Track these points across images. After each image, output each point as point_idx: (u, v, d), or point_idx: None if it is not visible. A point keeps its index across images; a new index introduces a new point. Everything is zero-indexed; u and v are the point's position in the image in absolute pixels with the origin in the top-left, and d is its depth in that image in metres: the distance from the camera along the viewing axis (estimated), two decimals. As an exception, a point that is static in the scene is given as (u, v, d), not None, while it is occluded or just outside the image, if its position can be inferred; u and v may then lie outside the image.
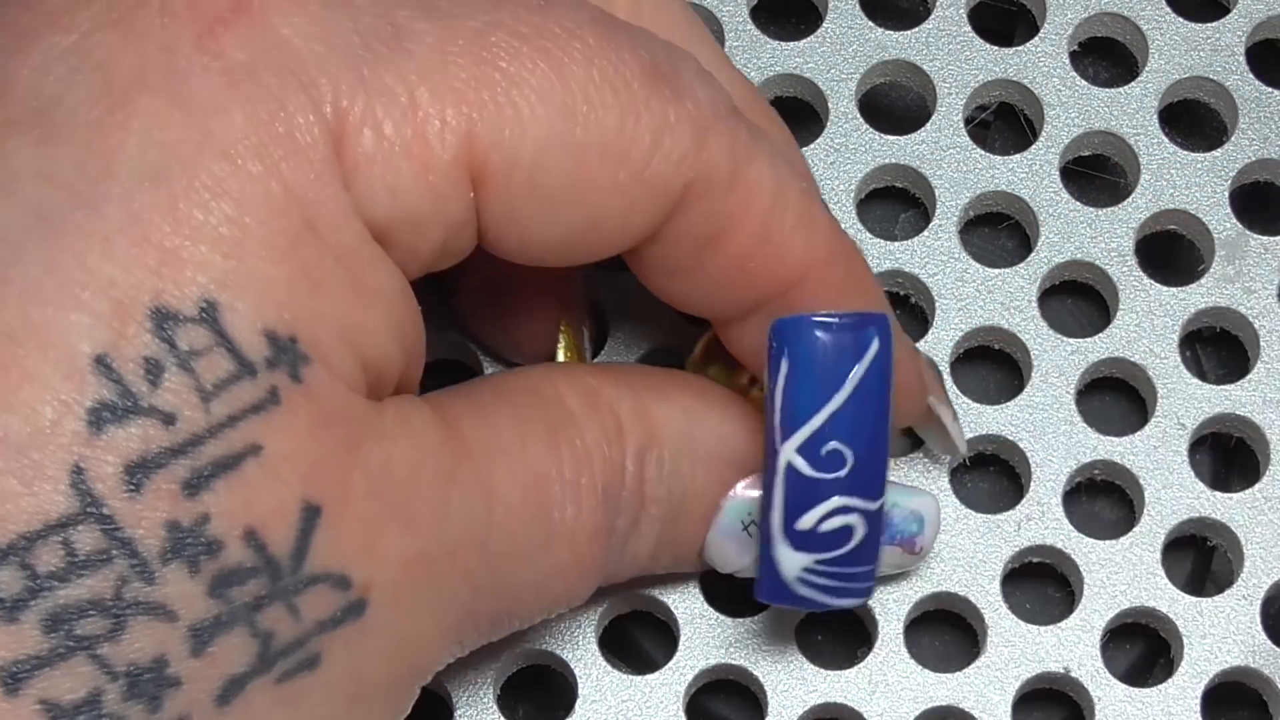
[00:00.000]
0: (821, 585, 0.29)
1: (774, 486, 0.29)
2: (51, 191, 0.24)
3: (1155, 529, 0.34)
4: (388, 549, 0.26)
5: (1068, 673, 0.33)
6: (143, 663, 0.24)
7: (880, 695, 0.33)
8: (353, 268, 0.26)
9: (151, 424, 0.24)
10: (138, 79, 0.25)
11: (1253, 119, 0.36)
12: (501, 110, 0.26)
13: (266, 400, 0.25)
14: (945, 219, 0.35)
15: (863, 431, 0.29)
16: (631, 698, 0.33)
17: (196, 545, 0.25)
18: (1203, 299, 0.35)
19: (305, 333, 0.25)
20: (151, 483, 0.24)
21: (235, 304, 0.25)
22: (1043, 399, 0.35)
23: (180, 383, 0.25)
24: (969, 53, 0.36)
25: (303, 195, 0.25)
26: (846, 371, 0.28)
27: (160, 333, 0.24)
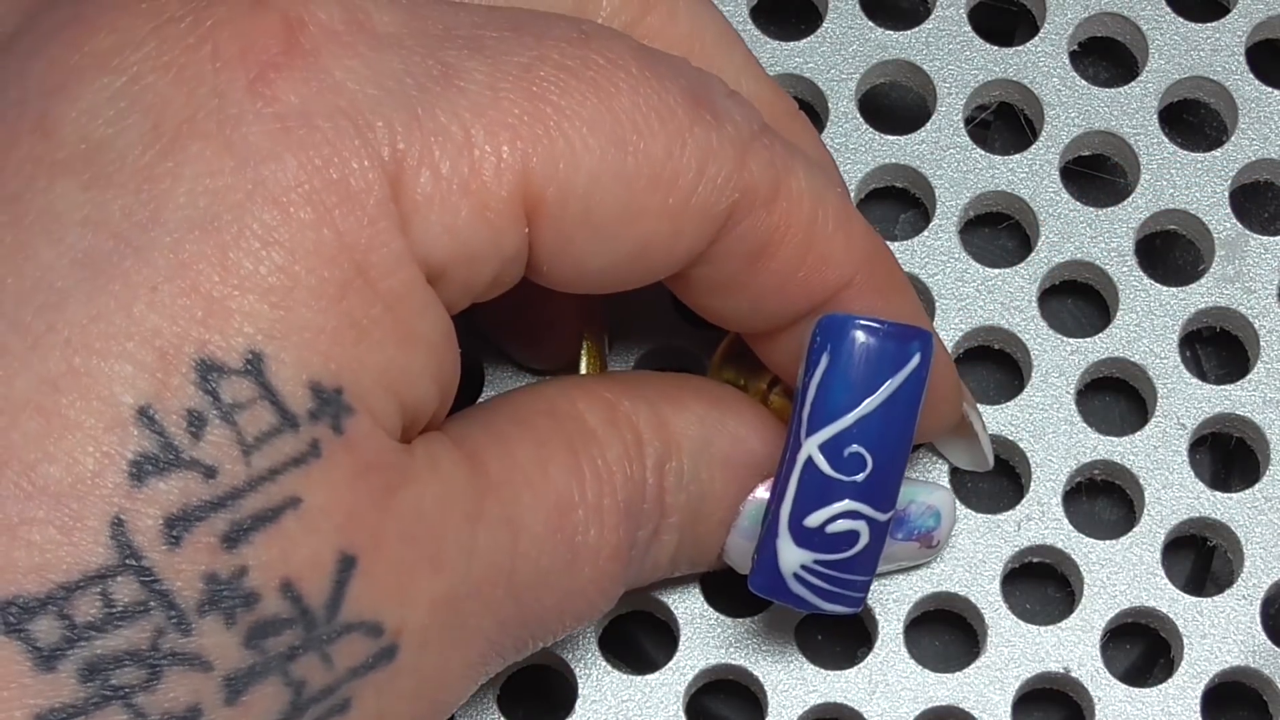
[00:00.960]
0: (816, 586, 0.30)
1: (790, 478, 0.29)
2: (99, 237, 0.24)
3: (1155, 529, 0.34)
4: (418, 592, 0.26)
5: (1068, 673, 0.33)
6: (177, 712, 0.24)
7: (880, 695, 0.33)
8: (401, 314, 0.26)
9: (192, 477, 0.24)
10: (188, 124, 0.25)
11: (1252, 119, 0.36)
12: (554, 143, 0.26)
13: (307, 453, 0.25)
14: (945, 219, 0.35)
15: (887, 441, 0.29)
16: (631, 698, 0.33)
17: (234, 597, 0.25)
18: (1203, 299, 0.35)
19: (350, 383, 0.25)
20: (191, 535, 0.24)
21: (281, 355, 0.25)
22: (1043, 399, 0.35)
23: (222, 436, 0.24)
24: (969, 53, 0.36)
25: (355, 242, 0.25)
26: (884, 379, 0.29)
27: (204, 385, 0.24)
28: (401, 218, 0.25)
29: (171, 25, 0.25)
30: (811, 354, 0.29)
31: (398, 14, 0.26)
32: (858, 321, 0.28)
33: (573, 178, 0.26)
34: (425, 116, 0.25)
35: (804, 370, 0.29)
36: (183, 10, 0.26)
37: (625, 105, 0.27)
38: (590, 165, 0.26)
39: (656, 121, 0.27)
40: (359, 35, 0.26)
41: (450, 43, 0.26)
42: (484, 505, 0.27)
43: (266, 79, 0.25)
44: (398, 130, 0.25)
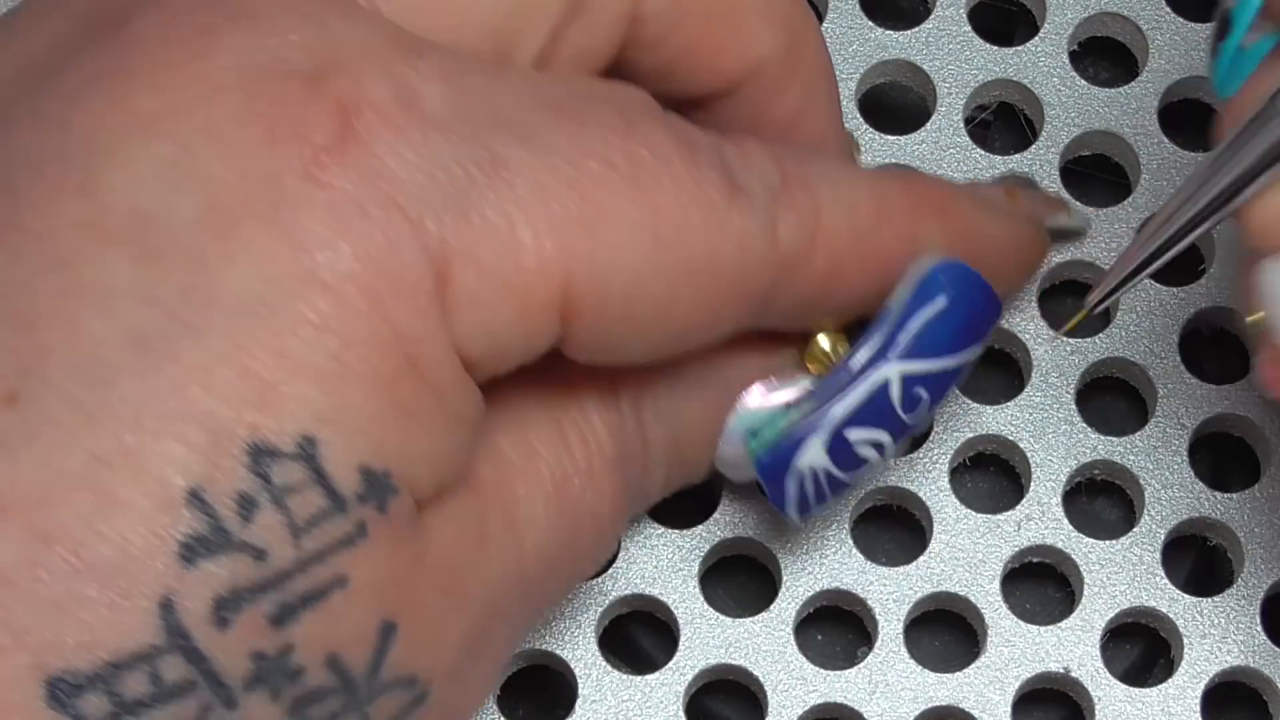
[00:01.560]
0: (803, 490, 0.30)
1: (855, 388, 0.29)
2: (152, 315, 0.24)
3: (1155, 529, 0.34)
4: (448, 636, 0.27)
5: (1068, 673, 0.33)
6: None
7: (880, 695, 0.33)
8: (446, 400, 0.26)
9: (242, 559, 0.24)
10: (243, 206, 0.25)
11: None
12: (597, 245, 0.26)
13: (355, 534, 0.25)
14: (945, 219, 0.35)
15: (942, 395, 0.30)
16: (631, 698, 0.33)
17: (280, 673, 0.25)
18: (1203, 299, 0.35)
19: (397, 465, 0.25)
20: (239, 616, 0.24)
21: (334, 440, 0.25)
22: (1043, 399, 0.35)
23: (273, 519, 0.25)
24: (969, 53, 0.36)
25: (407, 333, 0.25)
26: (975, 342, 0.30)
27: (256, 468, 0.24)
28: (445, 311, 0.25)
29: (222, 96, 0.25)
30: (927, 286, 0.29)
31: (445, 92, 0.26)
32: (984, 282, 0.30)
33: (613, 279, 0.26)
34: (473, 211, 0.26)
35: (910, 296, 0.29)
36: (233, 80, 0.25)
37: (668, 203, 0.27)
38: (632, 266, 0.27)
39: (697, 217, 0.27)
40: (409, 117, 0.26)
41: (497, 129, 0.26)
42: (487, 523, 0.27)
43: (321, 164, 0.25)
44: (446, 224, 0.25)
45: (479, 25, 0.28)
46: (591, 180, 0.26)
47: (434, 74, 0.26)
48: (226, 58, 0.25)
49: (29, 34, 0.27)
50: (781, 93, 0.31)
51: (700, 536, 0.34)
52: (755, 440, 0.30)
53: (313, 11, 0.26)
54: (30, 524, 0.24)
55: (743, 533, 0.34)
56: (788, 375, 0.31)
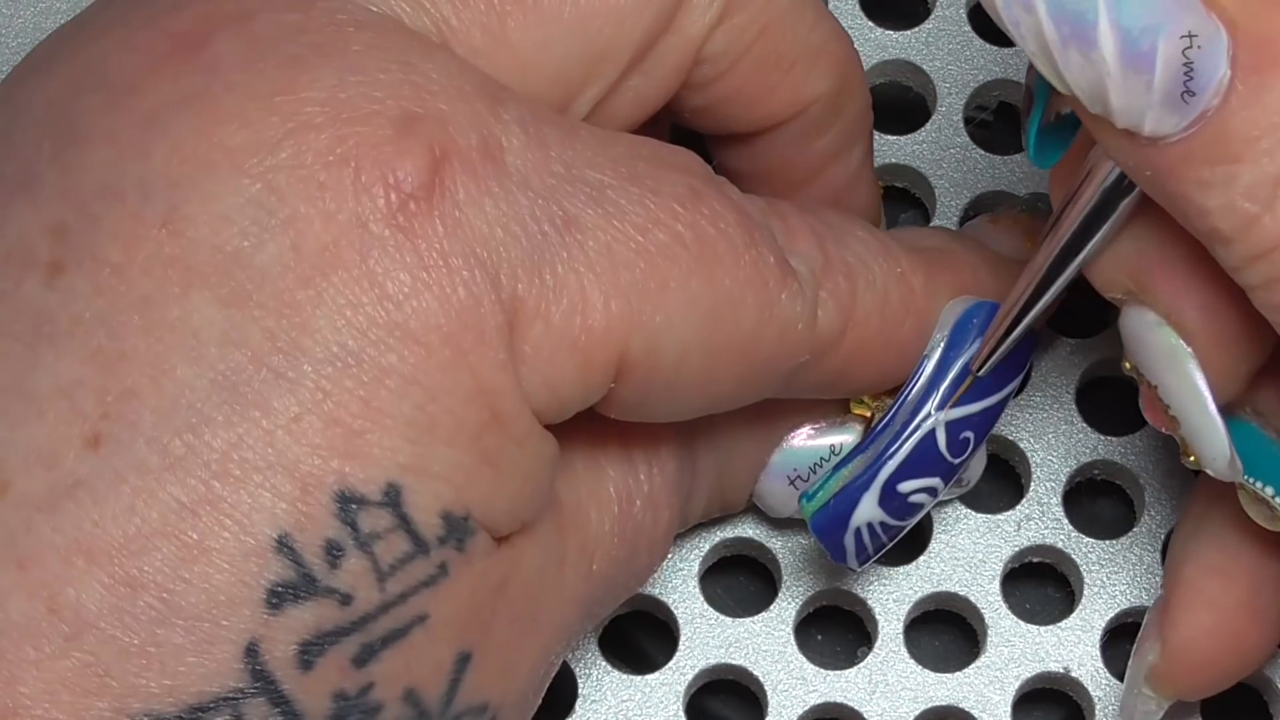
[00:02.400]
0: (861, 542, 0.30)
1: (904, 441, 0.30)
2: (239, 360, 0.24)
3: (1155, 529, 0.34)
4: (521, 664, 0.27)
5: (1068, 672, 0.33)
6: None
7: (880, 695, 0.33)
8: (528, 449, 0.26)
9: (328, 604, 0.25)
10: (330, 252, 0.25)
11: (1253, 119, 0.36)
12: (656, 313, 0.27)
13: (437, 575, 0.25)
14: (945, 218, 0.35)
15: (987, 432, 0.30)
16: (631, 697, 0.33)
17: (359, 711, 0.25)
18: (1203, 299, 0.35)
19: (480, 512, 0.26)
20: (324, 659, 0.25)
21: (418, 488, 0.25)
22: (1043, 399, 0.35)
23: (359, 565, 0.25)
24: (969, 52, 0.36)
25: (488, 385, 0.25)
26: (1015, 376, 0.30)
27: (343, 515, 0.24)
28: (515, 363, 0.26)
29: (309, 133, 0.25)
30: (962, 332, 0.30)
31: (525, 145, 0.26)
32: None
33: (667, 348, 0.27)
34: (546, 269, 0.26)
35: (946, 343, 0.30)
36: (322, 117, 0.25)
37: (726, 281, 0.27)
38: (684, 338, 0.27)
39: (751, 296, 0.27)
40: (492, 170, 0.26)
41: (571, 188, 0.26)
42: (565, 546, 0.28)
43: (409, 212, 0.25)
44: (520, 279, 0.26)
45: (549, 72, 0.28)
46: (659, 250, 0.27)
47: (515, 125, 0.26)
48: (315, 92, 0.25)
49: (103, 39, 0.26)
50: (822, 133, 0.31)
51: (700, 537, 0.34)
52: (810, 502, 0.31)
53: (401, 49, 0.26)
54: (117, 571, 0.24)
55: (743, 533, 0.34)
56: (834, 418, 0.32)
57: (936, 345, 0.30)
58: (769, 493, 0.32)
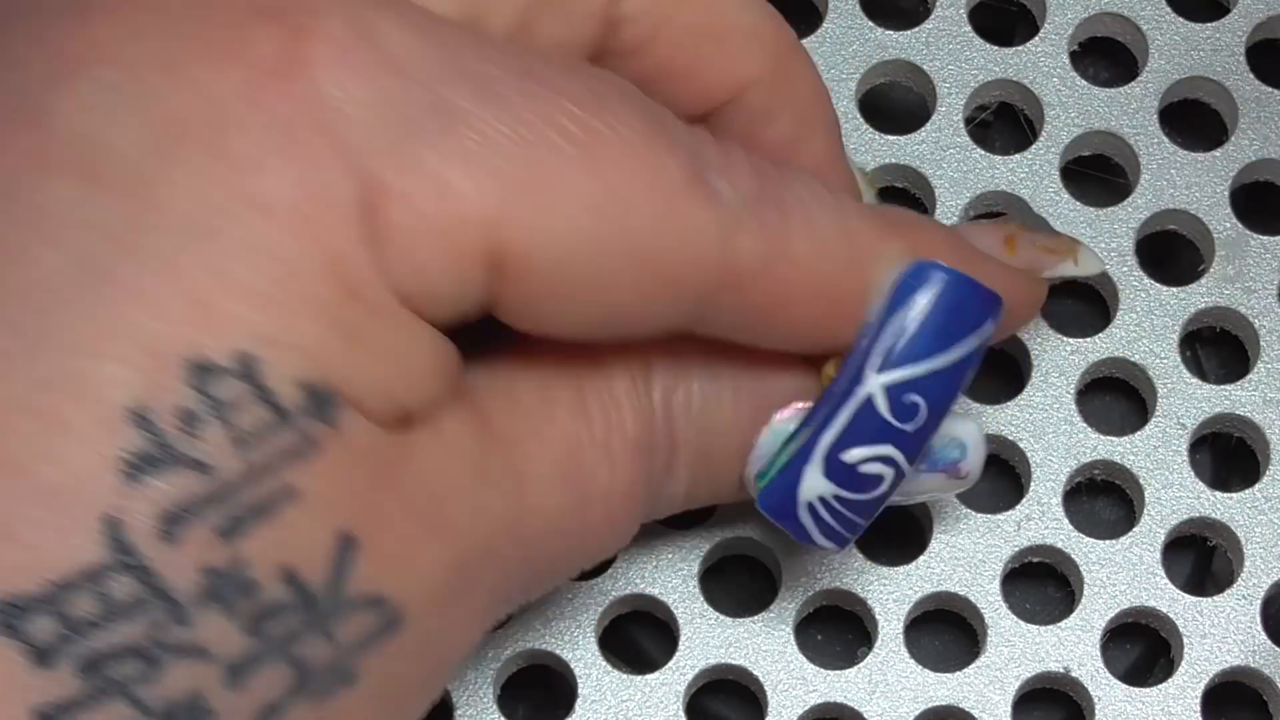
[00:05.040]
0: (822, 519, 0.29)
1: (842, 409, 0.29)
2: (95, 239, 0.24)
3: (1155, 529, 0.34)
4: (423, 562, 0.26)
5: (1068, 672, 0.33)
6: (179, 700, 0.24)
7: (880, 695, 0.33)
8: (389, 325, 0.26)
9: (187, 474, 0.24)
10: (184, 129, 0.25)
11: (1253, 119, 0.36)
12: (535, 206, 0.26)
13: (302, 446, 0.25)
14: (945, 219, 0.35)
15: (945, 397, 0.29)
16: (631, 698, 0.33)
17: (232, 588, 0.25)
18: (1203, 299, 0.35)
19: (340, 383, 0.25)
20: (187, 531, 0.24)
21: (272, 358, 0.25)
22: (1043, 399, 0.35)
23: (216, 433, 0.24)
24: (969, 53, 0.36)
25: (341, 259, 0.25)
26: (964, 336, 0.28)
27: (196, 384, 0.24)
28: (378, 244, 0.25)
29: (174, 23, 0.25)
30: (899, 292, 0.28)
31: (409, 37, 0.26)
32: (961, 274, 0.28)
33: (545, 243, 0.26)
34: (414, 153, 0.25)
35: (885, 307, 0.28)
36: (186, 8, 0.25)
37: (618, 179, 0.26)
38: (567, 234, 0.26)
39: (646, 198, 0.26)
40: (365, 55, 0.25)
41: (457, 80, 0.26)
42: (489, 461, 0.27)
43: (264, 87, 0.25)
44: (384, 161, 0.25)
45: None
46: (543, 143, 0.26)
47: (402, 22, 0.26)
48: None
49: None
50: (771, 119, 0.30)
51: (700, 536, 0.34)
52: (761, 480, 0.30)
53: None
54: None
55: (743, 532, 0.34)
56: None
57: (875, 310, 0.29)
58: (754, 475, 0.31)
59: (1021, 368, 0.35)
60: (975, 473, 0.31)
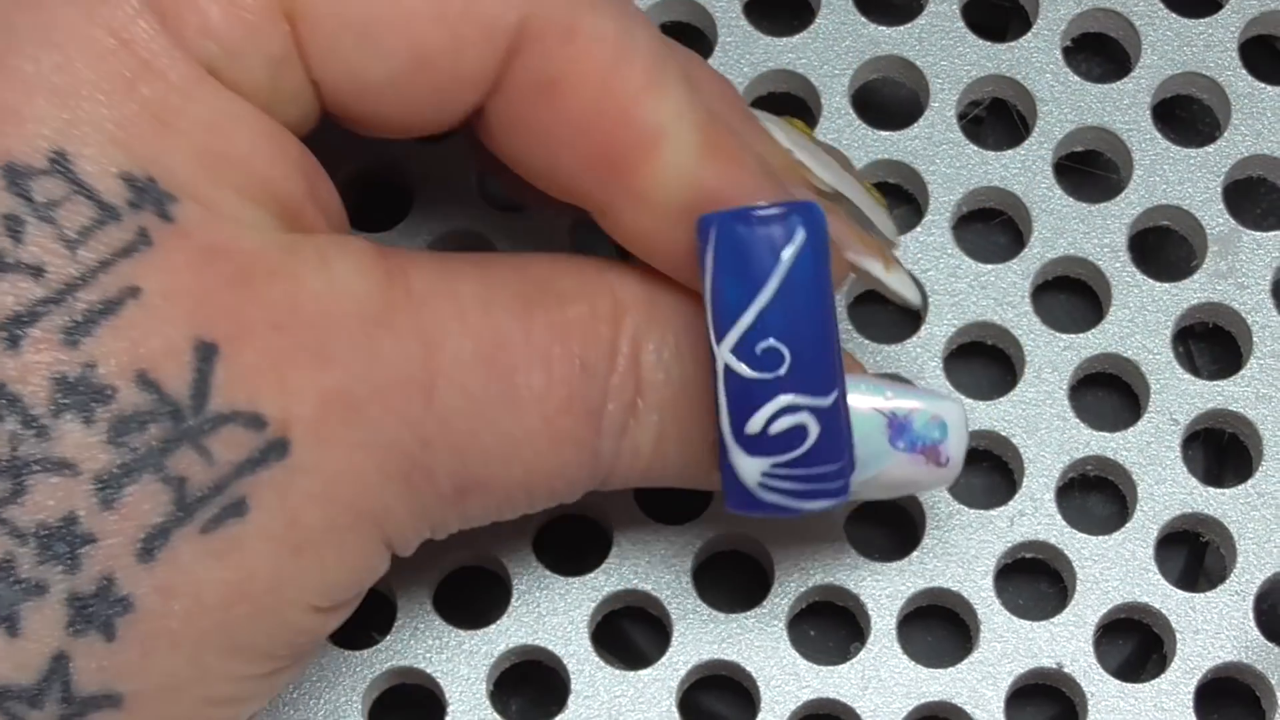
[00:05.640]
0: (786, 489, 0.28)
1: (718, 391, 0.28)
2: None
3: (1148, 524, 0.34)
4: (302, 385, 0.25)
5: (1060, 668, 0.33)
6: (51, 522, 0.24)
7: (873, 691, 0.33)
8: (199, 99, 0.25)
9: (20, 279, 0.24)
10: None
11: (1245, 115, 0.36)
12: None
13: (137, 241, 0.25)
14: (938, 215, 0.35)
15: (798, 327, 0.27)
16: (624, 693, 0.33)
17: (87, 393, 0.24)
18: (1195, 294, 0.35)
19: (163, 171, 0.25)
20: (29, 336, 0.24)
21: (84, 150, 0.25)
22: (1035, 394, 0.35)
23: (43, 234, 0.24)
24: (962, 48, 0.36)
25: (129, 36, 0.25)
26: (771, 265, 0.27)
27: (14, 188, 0.24)
28: (157, 12, 0.25)
29: None
30: (700, 257, 0.28)
31: None
32: (730, 213, 0.27)
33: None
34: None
35: (701, 277, 0.28)
36: None
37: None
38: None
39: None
40: None
41: None
42: (393, 316, 0.26)
43: None
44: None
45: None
46: None
47: None
48: None
49: None
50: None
51: (693, 532, 0.34)
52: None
53: None
54: None
55: (735, 529, 0.34)
56: None
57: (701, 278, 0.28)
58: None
59: (1014, 363, 0.35)
60: (957, 459, 0.30)
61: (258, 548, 0.25)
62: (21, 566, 0.24)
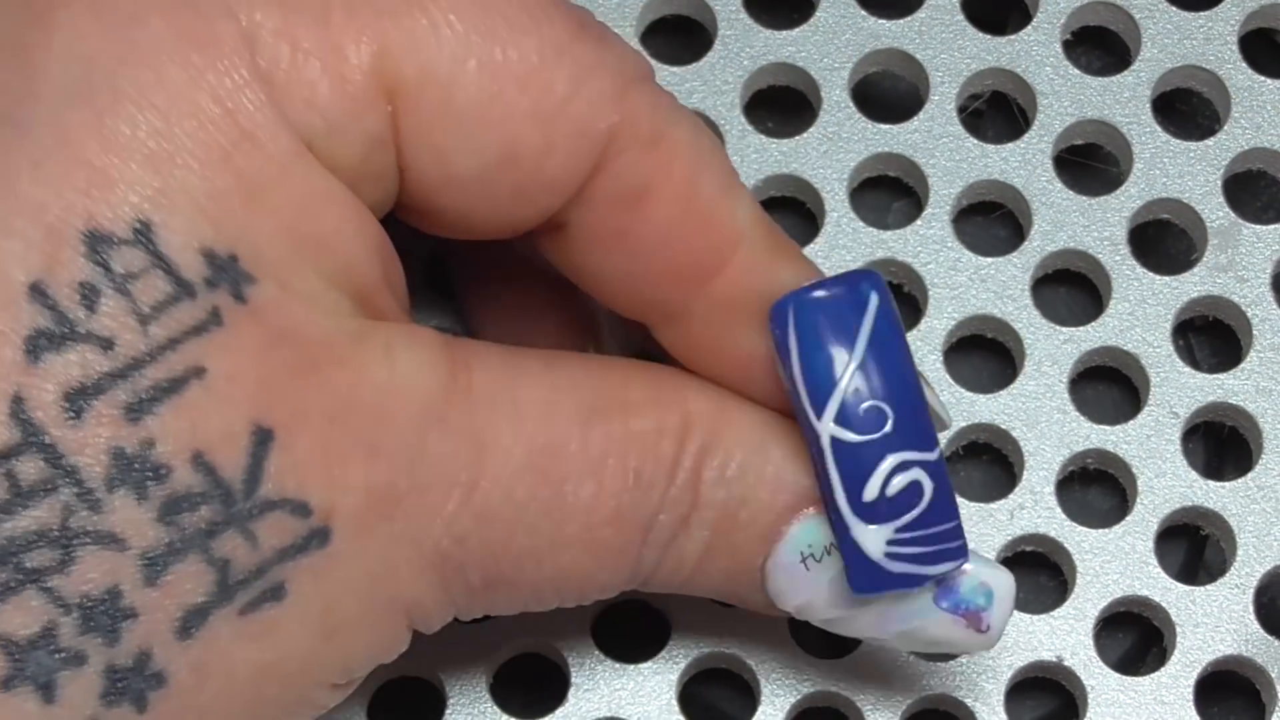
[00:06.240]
0: (912, 555, 0.28)
1: (827, 468, 0.28)
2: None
3: (1148, 518, 0.34)
4: (350, 477, 0.25)
5: (1060, 661, 0.33)
6: (95, 594, 0.24)
7: (873, 684, 0.33)
8: (293, 174, 0.25)
9: (90, 350, 0.24)
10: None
11: (1245, 108, 0.36)
12: (418, 24, 0.26)
13: (208, 321, 0.25)
14: (938, 208, 0.35)
15: (892, 383, 0.28)
16: (624, 686, 0.33)
17: (143, 471, 0.24)
18: (1195, 288, 0.35)
19: (246, 249, 0.25)
20: (93, 409, 0.24)
21: (169, 222, 0.24)
22: (1036, 388, 0.35)
23: (117, 306, 0.24)
24: (962, 42, 0.36)
25: (231, 104, 0.25)
26: (856, 329, 0.28)
27: (95, 257, 0.24)
28: (267, 84, 0.25)
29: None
30: (779, 344, 0.28)
31: None
32: (803, 292, 0.28)
33: (433, 61, 0.26)
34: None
35: (781, 364, 0.28)
36: None
37: (500, 3, 0.26)
38: (454, 51, 0.26)
39: (532, 24, 0.26)
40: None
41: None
42: (449, 413, 0.26)
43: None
44: (256, 4, 0.25)
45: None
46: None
47: None
48: None
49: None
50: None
51: (693, 525, 0.34)
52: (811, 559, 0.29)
53: None
54: None
55: (735, 521, 0.34)
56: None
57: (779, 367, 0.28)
58: (778, 569, 0.29)
59: (1014, 356, 0.35)
60: (998, 629, 0.30)
61: (292, 631, 0.26)
62: (63, 636, 0.24)
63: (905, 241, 0.35)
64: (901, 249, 0.35)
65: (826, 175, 0.35)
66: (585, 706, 0.33)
